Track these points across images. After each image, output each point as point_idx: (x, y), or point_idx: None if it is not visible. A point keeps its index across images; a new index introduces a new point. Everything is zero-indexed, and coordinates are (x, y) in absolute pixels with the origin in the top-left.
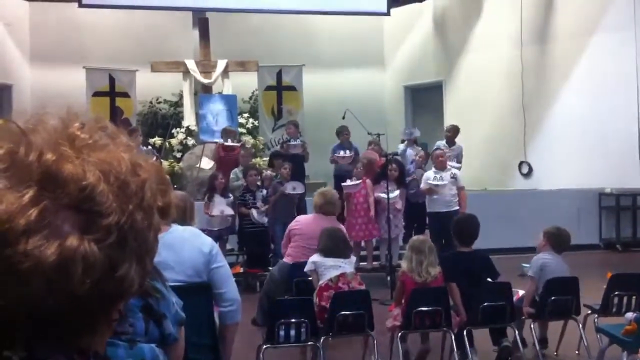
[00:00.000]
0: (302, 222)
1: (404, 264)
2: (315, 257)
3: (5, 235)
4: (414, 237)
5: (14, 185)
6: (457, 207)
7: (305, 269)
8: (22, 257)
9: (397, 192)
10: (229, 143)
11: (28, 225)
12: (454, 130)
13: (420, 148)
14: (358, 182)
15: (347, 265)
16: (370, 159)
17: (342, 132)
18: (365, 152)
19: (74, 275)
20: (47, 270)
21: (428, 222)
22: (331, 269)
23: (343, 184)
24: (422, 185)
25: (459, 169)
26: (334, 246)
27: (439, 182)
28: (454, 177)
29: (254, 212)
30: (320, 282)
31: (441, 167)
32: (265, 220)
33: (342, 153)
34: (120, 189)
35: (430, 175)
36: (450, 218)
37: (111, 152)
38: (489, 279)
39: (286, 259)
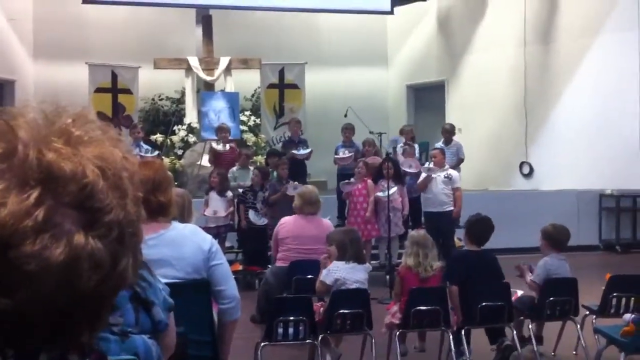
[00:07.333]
0: (288, 223)
1: (408, 260)
2: (340, 272)
3: (10, 237)
4: (414, 232)
5: (16, 186)
6: (452, 208)
7: (325, 280)
8: (28, 259)
9: (394, 189)
10: (220, 149)
11: (35, 226)
12: (450, 129)
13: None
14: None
15: (365, 288)
16: (371, 163)
17: (344, 130)
18: (369, 158)
19: (82, 273)
20: (56, 269)
21: (424, 221)
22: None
23: (341, 182)
24: (419, 180)
25: (460, 162)
26: (356, 252)
27: (431, 167)
28: (447, 177)
29: (251, 212)
30: None
31: (437, 165)
32: (262, 221)
33: (341, 153)
34: (116, 184)
35: (426, 166)
36: (445, 218)
37: (105, 147)
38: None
39: (278, 263)
